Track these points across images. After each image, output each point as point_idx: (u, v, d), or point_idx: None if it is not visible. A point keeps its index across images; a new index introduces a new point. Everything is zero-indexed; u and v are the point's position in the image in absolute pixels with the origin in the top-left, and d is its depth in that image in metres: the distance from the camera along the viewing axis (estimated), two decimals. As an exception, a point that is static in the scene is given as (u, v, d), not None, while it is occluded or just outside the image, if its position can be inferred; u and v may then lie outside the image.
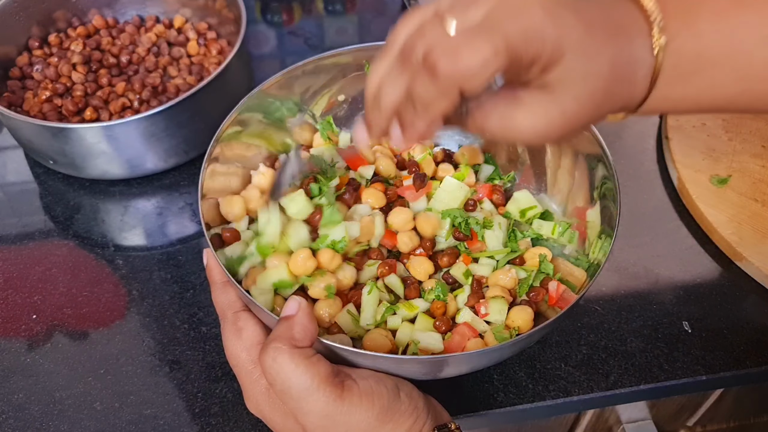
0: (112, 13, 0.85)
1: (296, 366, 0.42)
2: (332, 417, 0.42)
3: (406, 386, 0.47)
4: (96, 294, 0.64)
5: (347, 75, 0.65)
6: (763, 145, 0.74)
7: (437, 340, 0.52)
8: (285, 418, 0.45)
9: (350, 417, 0.42)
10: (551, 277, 0.56)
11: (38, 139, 0.67)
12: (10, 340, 0.60)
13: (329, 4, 0.97)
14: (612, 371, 0.58)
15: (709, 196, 0.69)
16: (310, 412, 0.42)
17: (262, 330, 0.48)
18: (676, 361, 0.59)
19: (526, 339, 0.47)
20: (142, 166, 0.70)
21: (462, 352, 0.51)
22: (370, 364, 0.47)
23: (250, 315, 0.48)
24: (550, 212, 0.61)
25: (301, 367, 0.42)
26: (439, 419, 0.47)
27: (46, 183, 0.73)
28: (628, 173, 0.74)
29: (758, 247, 0.64)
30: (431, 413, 0.46)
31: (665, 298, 0.63)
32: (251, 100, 0.59)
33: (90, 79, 0.76)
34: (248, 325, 0.47)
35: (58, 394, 0.57)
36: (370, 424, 0.43)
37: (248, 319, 0.48)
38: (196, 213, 0.70)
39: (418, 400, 0.46)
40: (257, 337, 0.47)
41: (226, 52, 0.80)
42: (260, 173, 0.60)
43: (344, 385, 0.43)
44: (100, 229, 0.69)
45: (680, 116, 0.77)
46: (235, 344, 0.47)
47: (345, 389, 0.43)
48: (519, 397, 0.56)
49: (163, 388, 0.57)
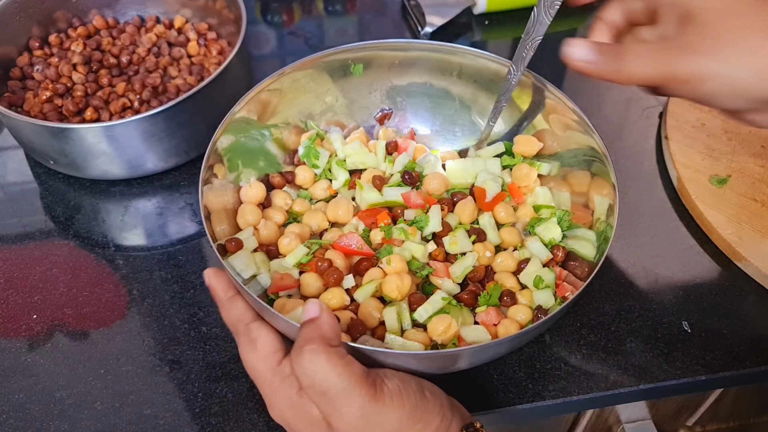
0: (112, 14, 0.85)
1: (334, 366, 0.41)
2: (367, 417, 0.42)
3: (429, 385, 0.47)
4: (96, 294, 0.64)
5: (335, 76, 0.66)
6: (763, 145, 0.74)
7: (483, 332, 0.54)
8: (311, 425, 0.44)
9: (384, 417, 0.42)
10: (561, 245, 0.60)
11: (39, 139, 0.67)
12: (10, 340, 0.60)
13: (329, 5, 0.97)
14: (612, 371, 0.58)
15: (708, 196, 0.69)
16: (347, 413, 0.42)
17: (276, 337, 0.47)
18: (676, 361, 0.59)
19: (542, 325, 0.48)
20: (143, 166, 0.70)
21: (468, 347, 0.51)
22: (392, 363, 0.47)
23: (262, 324, 0.48)
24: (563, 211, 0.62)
25: (339, 367, 0.42)
26: (464, 418, 0.47)
27: (46, 183, 0.74)
28: (628, 173, 0.74)
29: (758, 247, 0.64)
30: (456, 412, 0.47)
31: (665, 298, 0.63)
32: (248, 103, 0.60)
33: (90, 80, 0.76)
34: (261, 335, 0.47)
35: (58, 393, 0.57)
36: (402, 423, 0.43)
37: (260, 328, 0.47)
38: (196, 213, 0.70)
39: (442, 398, 0.46)
40: (272, 345, 0.47)
41: (227, 53, 0.80)
42: (249, 186, 0.62)
43: (376, 384, 0.43)
44: (101, 229, 0.69)
45: (680, 116, 0.77)
46: (251, 356, 0.47)
47: (377, 389, 0.43)
48: (519, 396, 0.56)
49: (163, 388, 0.57)
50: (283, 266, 0.58)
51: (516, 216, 0.63)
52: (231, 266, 0.55)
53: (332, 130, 0.69)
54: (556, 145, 0.64)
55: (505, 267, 0.59)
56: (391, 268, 0.56)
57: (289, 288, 0.57)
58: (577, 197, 0.62)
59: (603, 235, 0.56)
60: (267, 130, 0.65)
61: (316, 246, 0.59)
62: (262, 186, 0.63)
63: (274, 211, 0.62)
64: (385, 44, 0.67)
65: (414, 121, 0.71)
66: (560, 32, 0.92)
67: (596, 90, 0.84)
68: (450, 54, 0.66)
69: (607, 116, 0.81)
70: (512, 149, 0.66)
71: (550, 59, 0.88)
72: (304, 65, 0.65)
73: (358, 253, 0.58)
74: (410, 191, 0.62)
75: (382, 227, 0.60)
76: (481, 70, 0.66)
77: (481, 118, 0.69)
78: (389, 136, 0.69)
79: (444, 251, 0.60)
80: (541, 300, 0.56)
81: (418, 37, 0.91)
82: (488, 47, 0.91)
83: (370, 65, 0.68)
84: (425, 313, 0.54)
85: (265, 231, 0.60)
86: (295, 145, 0.67)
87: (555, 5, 0.55)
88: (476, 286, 0.58)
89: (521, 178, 0.64)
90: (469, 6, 0.93)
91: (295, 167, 0.66)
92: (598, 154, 0.59)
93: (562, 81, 0.85)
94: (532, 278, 0.57)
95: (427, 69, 0.68)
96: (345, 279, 0.57)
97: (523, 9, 0.94)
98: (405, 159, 0.66)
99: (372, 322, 0.54)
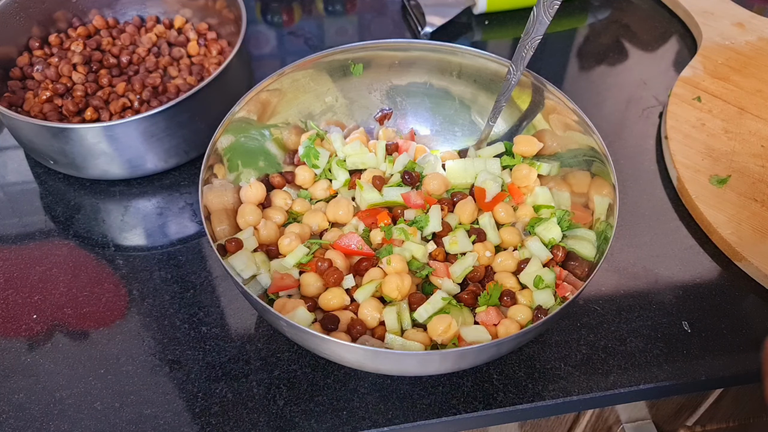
0: (112, 14, 0.85)
1: None
2: None
3: None
4: (96, 294, 0.64)
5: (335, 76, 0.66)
6: (763, 145, 0.74)
7: (483, 332, 0.54)
8: None
9: None
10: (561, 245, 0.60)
11: (39, 139, 0.67)
12: (10, 340, 0.60)
13: (329, 5, 0.97)
14: (611, 371, 0.58)
15: (708, 196, 0.69)
16: None
17: None
18: (676, 361, 0.59)
19: (541, 325, 0.48)
20: (143, 166, 0.70)
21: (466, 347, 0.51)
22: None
23: None
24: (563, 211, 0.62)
25: None
26: None
27: (46, 183, 0.74)
28: (628, 173, 0.74)
29: (758, 247, 0.64)
30: None
31: (665, 298, 0.63)
32: (249, 104, 0.60)
33: (90, 80, 0.76)
34: None
35: (58, 393, 0.57)
36: None
37: None
38: (196, 213, 0.70)
39: None
40: None
41: (227, 53, 0.80)
42: (249, 186, 0.62)
43: None
44: (101, 229, 0.69)
45: (680, 116, 0.77)
46: None
47: None
48: (519, 396, 0.56)
49: (163, 388, 0.57)
50: (283, 266, 0.58)
51: (516, 216, 0.63)
52: (231, 266, 0.55)
53: (332, 130, 0.69)
54: (556, 145, 0.64)
55: (505, 267, 0.59)
56: (391, 268, 0.56)
57: (289, 288, 0.57)
58: (577, 197, 0.62)
59: (603, 235, 0.56)
60: (267, 130, 0.65)
61: (316, 246, 0.59)
62: (262, 186, 0.63)
63: (274, 211, 0.62)
64: (385, 44, 0.67)
65: (414, 121, 0.71)
66: (560, 32, 0.92)
67: (596, 90, 0.84)
68: (450, 54, 0.66)
69: (607, 116, 0.81)
70: (512, 149, 0.66)
71: (550, 59, 0.88)
72: (304, 65, 0.65)
73: (358, 253, 0.58)
74: (410, 191, 0.62)
75: (382, 227, 0.60)
76: (480, 70, 0.66)
77: (481, 118, 0.69)
78: (389, 136, 0.70)
79: (444, 251, 0.60)
80: (541, 300, 0.56)
81: (418, 37, 0.91)
82: (488, 47, 0.91)
83: (370, 65, 0.68)
84: (425, 313, 0.54)
85: (265, 231, 0.60)
86: (295, 145, 0.67)
87: (554, 5, 0.55)
88: (476, 286, 0.58)
89: (521, 178, 0.64)
90: (469, 6, 0.93)
91: (295, 167, 0.66)
92: (598, 154, 0.59)
93: (562, 81, 0.85)
94: (532, 278, 0.57)
95: (426, 69, 0.68)
96: (345, 279, 0.57)
97: (523, 9, 0.94)
98: (405, 159, 0.66)
99: (372, 322, 0.55)
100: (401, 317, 0.55)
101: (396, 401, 0.56)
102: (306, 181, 0.65)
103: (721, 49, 0.85)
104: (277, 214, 0.62)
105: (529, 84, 0.64)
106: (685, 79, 0.81)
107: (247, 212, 0.60)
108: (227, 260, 0.55)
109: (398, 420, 0.55)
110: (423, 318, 0.54)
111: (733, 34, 0.88)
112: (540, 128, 0.65)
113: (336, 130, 0.69)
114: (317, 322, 0.55)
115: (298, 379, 0.57)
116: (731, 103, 0.78)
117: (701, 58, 0.84)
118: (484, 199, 0.62)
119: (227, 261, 0.55)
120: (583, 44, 0.91)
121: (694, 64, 0.83)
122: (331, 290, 0.56)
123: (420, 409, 0.56)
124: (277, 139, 0.66)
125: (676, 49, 0.90)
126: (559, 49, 0.90)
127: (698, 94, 0.79)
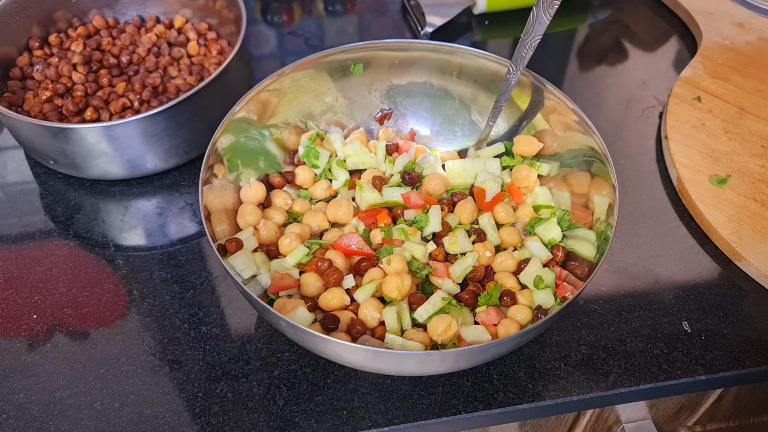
0: (112, 14, 0.85)
1: None
2: None
3: None
4: (96, 294, 0.64)
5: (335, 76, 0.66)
6: (763, 145, 0.74)
7: (483, 331, 0.54)
8: None
9: None
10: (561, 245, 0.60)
11: (39, 139, 0.67)
12: (10, 340, 0.60)
13: (329, 5, 0.97)
14: (611, 371, 0.58)
15: (708, 196, 0.69)
16: None
17: None
18: (676, 361, 0.59)
19: (541, 325, 0.48)
20: (143, 166, 0.70)
21: (466, 347, 0.51)
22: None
23: None
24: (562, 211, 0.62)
25: None
26: None
27: (46, 183, 0.74)
28: (628, 173, 0.74)
29: (758, 247, 0.64)
30: None
31: (665, 298, 0.63)
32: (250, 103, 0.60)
33: (90, 80, 0.76)
34: None
35: (58, 393, 0.57)
36: None
37: None
38: (196, 213, 0.70)
39: None
40: None
41: (227, 53, 0.80)
42: (249, 186, 0.62)
43: None
44: (101, 229, 0.69)
45: (680, 116, 0.77)
46: None
47: None
48: (519, 396, 0.56)
49: (163, 388, 0.57)
50: (283, 266, 0.58)
51: (516, 216, 0.63)
52: (231, 266, 0.55)
53: (332, 130, 0.69)
54: (556, 145, 0.64)
55: (505, 267, 0.59)
56: (391, 269, 0.56)
57: (289, 288, 0.57)
58: (577, 197, 0.62)
59: (603, 235, 0.56)
60: (267, 130, 0.65)
61: (316, 246, 0.59)
62: (262, 186, 0.63)
63: (274, 211, 0.62)
64: (385, 44, 0.67)
65: (414, 121, 0.71)
66: (560, 32, 0.92)
67: (596, 90, 0.84)
68: (450, 54, 0.66)
69: (607, 116, 0.81)
70: (512, 149, 0.66)
71: (550, 59, 0.88)
72: (304, 65, 0.65)
73: (358, 253, 0.58)
74: (410, 191, 0.62)
75: (382, 227, 0.60)
76: (480, 70, 0.66)
77: (481, 118, 0.69)
78: (389, 136, 0.70)
79: (444, 251, 0.60)
80: (541, 300, 0.56)
81: (418, 37, 0.91)
82: (488, 47, 0.91)
83: (370, 65, 0.68)
84: (425, 313, 0.54)
85: (265, 231, 0.60)
86: (295, 145, 0.67)
87: (554, 5, 0.55)
88: (476, 286, 0.58)
89: (521, 178, 0.64)
90: (469, 6, 0.93)
91: (295, 167, 0.66)
92: (598, 154, 0.59)
93: (562, 81, 0.85)
94: (532, 278, 0.57)
95: (426, 69, 0.68)
96: (345, 279, 0.57)
97: (523, 9, 0.94)
98: (405, 159, 0.66)
99: (372, 322, 0.55)
100: (401, 317, 0.55)
101: (396, 401, 0.56)
102: (306, 181, 0.65)
103: (721, 49, 0.85)
104: (277, 214, 0.62)
105: (529, 84, 0.64)
106: (685, 79, 0.81)
107: (247, 212, 0.60)
108: (227, 260, 0.55)
109: (398, 420, 0.55)
110: (423, 318, 0.54)
111: (733, 34, 0.88)
112: (540, 128, 0.65)
113: (336, 130, 0.69)
114: (317, 322, 0.55)
115: (298, 379, 0.57)
116: (731, 103, 0.78)
117: (701, 58, 0.84)
118: (484, 200, 0.62)
119: (227, 261, 0.55)
120: (583, 44, 0.91)
121: (694, 64, 0.83)
122: (331, 290, 0.56)
123: (420, 409, 0.56)
124: (277, 139, 0.66)
125: (676, 49, 0.90)
126: (559, 49, 0.90)
127: (698, 94, 0.79)
